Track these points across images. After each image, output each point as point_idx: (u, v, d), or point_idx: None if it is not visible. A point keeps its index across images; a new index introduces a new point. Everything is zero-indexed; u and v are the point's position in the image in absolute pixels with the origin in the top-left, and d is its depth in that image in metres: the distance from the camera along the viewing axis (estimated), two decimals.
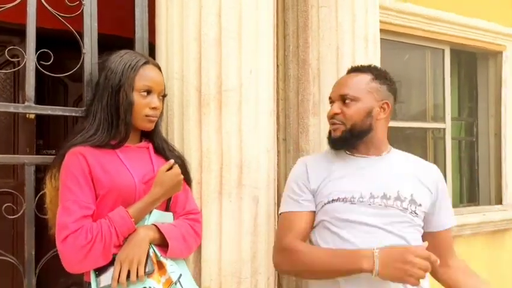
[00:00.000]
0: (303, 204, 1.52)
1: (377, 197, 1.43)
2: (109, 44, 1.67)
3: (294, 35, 2.01)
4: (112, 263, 1.30)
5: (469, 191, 3.86)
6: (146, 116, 1.43)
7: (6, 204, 1.56)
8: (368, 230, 1.41)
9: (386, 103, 1.50)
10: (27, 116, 3.10)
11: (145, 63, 1.45)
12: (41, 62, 1.55)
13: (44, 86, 3.26)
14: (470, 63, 3.85)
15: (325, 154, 1.62)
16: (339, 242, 1.42)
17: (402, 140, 3.46)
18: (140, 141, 1.52)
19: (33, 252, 1.53)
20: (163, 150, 1.52)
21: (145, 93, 1.42)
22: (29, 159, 1.56)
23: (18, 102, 3.01)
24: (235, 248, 1.64)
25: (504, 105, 3.72)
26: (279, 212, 1.60)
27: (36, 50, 1.56)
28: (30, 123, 3.15)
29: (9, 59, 1.62)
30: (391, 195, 1.43)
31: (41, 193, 1.48)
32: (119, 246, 1.31)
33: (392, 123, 3.29)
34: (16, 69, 1.59)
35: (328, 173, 1.52)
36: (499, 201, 3.74)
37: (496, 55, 3.76)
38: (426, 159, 3.76)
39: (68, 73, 1.62)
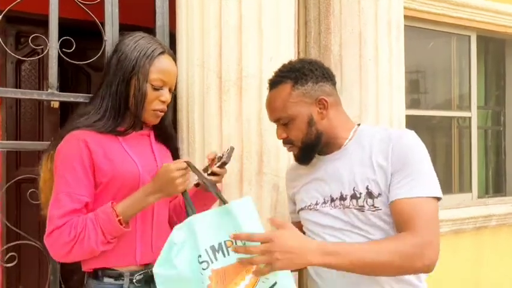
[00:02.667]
0: (295, 215, 1.55)
1: (336, 199, 1.35)
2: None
3: (315, 21, 1.99)
4: None
5: (495, 181, 3.78)
6: (154, 110, 1.36)
7: (30, 190, 1.59)
8: (333, 233, 1.34)
9: (322, 99, 1.34)
10: (51, 105, 3.15)
11: (161, 53, 1.36)
12: (64, 49, 1.56)
13: (67, 76, 3.30)
14: (497, 50, 3.74)
15: None
16: None
17: (426, 129, 3.40)
18: (142, 127, 1.44)
19: None
20: (171, 137, 1.48)
21: (157, 87, 1.34)
22: None
23: None
24: None
25: None
26: None
27: (59, 39, 1.58)
28: (54, 113, 3.20)
29: (34, 47, 1.64)
30: (347, 194, 1.33)
31: None
32: (108, 243, 1.25)
33: (416, 112, 3.26)
34: (39, 56, 1.61)
35: (300, 180, 1.48)
36: None
37: None
38: (451, 149, 3.68)
39: (89, 61, 1.63)
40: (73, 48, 1.57)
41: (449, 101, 3.56)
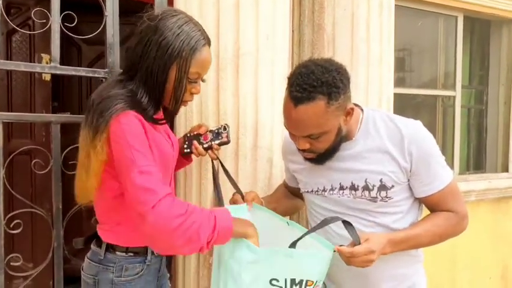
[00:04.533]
0: (287, 178, 1.68)
1: (346, 188, 1.39)
2: (128, 9, 1.70)
3: None
4: None
5: (476, 158, 3.91)
6: (184, 101, 1.33)
7: (34, 161, 1.65)
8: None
9: (350, 108, 1.33)
10: (43, 77, 3.15)
11: (204, 45, 1.28)
12: (66, 24, 1.59)
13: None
14: (483, 30, 3.82)
15: None
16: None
17: (412, 107, 3.50)
18: None
19: (60, 206, 1.62)
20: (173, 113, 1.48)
21: (194, 80, 1.30)
22: (55, 118, 1.64)
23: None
24: None
25: None
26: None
27: None
28: (45, 86, 3.20)
29: (36, 20, 1.65)
30: (359, 185, 1.37)
31: (67, 150, 1.57)
32: (209, 243, 1.17)
33: (402, 90, 3.34)
34: (42, 30, 1.60)
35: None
36: (506, 169, 3.80)
37: (510, 23, 3.73)
38: (435, 127, 3.76)
39: (91, 35, 1.66)
40: (75, 23, 1.60)
41: (435, 80, 3.65)
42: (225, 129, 1.48)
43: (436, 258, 3.11)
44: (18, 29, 1.77)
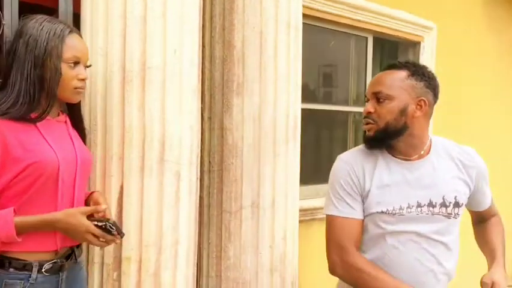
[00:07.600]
0: (357, 211, 1.49)
1: (424, 206, 1.46)
2: (30, 13, 1.65)
3: (220, 16, 2.07)
4: None
5: None
6: (75, 88, 1.37)
7: None
8: (416, 239, 1.47)
9: (423, 100, 1.46)
10: None
11: (70, 31, 1.37)
12: None
13: None
14: (392, 51, 4.09)
15: (364, 153, 1.55)
16: (386, 249, 1.48)
17: (326, 122, 3.65)
18: (58, 114, 1.45)
19: None
20: (82, 120, 1.55)
21: (73, 64, 1.35)
22: None
23: None
24: (156, 220, 1.71)
25: None
26: (328, 213, 1.53)
27: None
28: None
29: None
30: (437, 202, 1.46)
31: None
32: None
33: (315, 106, 3.47)
34: None
35: (372, 177, 1.49)
36: None
37: (415, 45, 4.03)
38: (347, 140, 3.92)
39: None
40: None
41: (347, 97, 3.84)
42: (112, 222, 1.37)
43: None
44: None
